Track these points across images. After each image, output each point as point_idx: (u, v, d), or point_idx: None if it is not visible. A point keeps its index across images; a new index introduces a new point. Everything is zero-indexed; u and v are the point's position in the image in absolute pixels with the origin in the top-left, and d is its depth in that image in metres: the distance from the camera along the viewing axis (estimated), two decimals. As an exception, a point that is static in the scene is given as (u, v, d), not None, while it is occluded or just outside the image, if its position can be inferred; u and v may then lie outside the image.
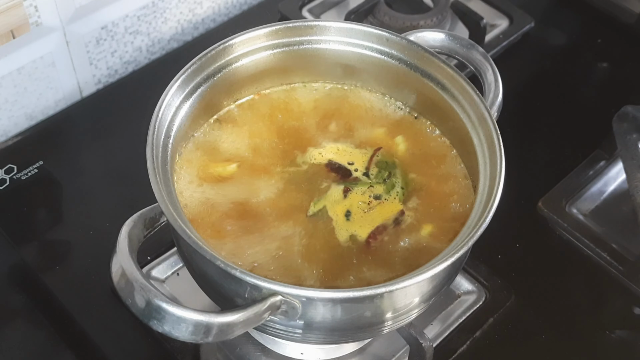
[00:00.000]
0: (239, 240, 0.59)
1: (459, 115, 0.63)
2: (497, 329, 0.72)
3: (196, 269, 0.58)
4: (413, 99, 0.68)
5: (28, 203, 0.80)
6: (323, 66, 0.69)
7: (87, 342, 0.71)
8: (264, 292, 0.50)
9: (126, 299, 0.50)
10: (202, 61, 0.62)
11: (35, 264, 0.76)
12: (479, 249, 0.61)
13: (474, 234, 0.53)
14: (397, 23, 0.95)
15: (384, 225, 0.61)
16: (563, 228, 0.80)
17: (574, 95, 0.96)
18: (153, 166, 0.55)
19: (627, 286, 0.76)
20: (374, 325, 0.57)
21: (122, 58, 0.94)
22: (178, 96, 0.61)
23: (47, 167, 0.82)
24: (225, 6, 1.02)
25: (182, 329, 0.49)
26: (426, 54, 0.65)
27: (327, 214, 0.61)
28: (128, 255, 0.51)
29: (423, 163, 0.66)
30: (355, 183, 0.63)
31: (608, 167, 0.85)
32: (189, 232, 0.52)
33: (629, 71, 1.00)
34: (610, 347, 0.73)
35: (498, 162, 0.58)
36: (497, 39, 0.98)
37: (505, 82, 0.65)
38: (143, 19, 0.93)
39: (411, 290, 0.56)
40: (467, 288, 0.75)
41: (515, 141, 0.88)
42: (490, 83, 0.65)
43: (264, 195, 0.62)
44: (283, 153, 0.65)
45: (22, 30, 0.78)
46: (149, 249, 0.74)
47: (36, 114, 0.89)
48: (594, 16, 1.04)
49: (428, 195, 0.63)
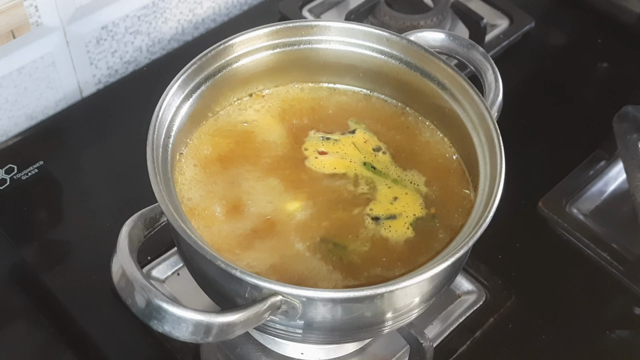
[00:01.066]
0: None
1: (459, 115, 0.63)
2: (497, 329, 0.72)
3: (196, 269, 0.58)
4: (413, 99, 0.68)
5: (28, 203, 0.80)
6: (323, 66, 0.69)
7: (87, 342, 0.71)
8: (264, 292, 0.50)
9: (126, 299, 0.50)
10: (202, 61, 0.62)
11: (36, 264, 0.76)
12: (479, 249, 0.61)
13: (474, 234, 0.53)
14: (398, 23, 0.95)
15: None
16: (563, 228, 0.80)
17: (574, 95, 0.97)
18: (153, 166, 0.55)
19: (627, 286, 0.76)
20: (374, 325, 0.57)
21: (123, 58, 0.94)
22: (178, 96, 0.61)
23: (48, 167, 0.82)
24: (225, 6, 1.02)
25: (183, 329, 0.49)
26: (426, 54, 0.65)
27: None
28: (128, 255, 0.51)
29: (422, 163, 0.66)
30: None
31: (608, 167, 0.85)
32: (189, 232, 0.52)
33: (629, 71, 1.00)
34: (610, 347, 0.73)
35: (498, 162, 0.58)
36: (497, 39, 0.98)
37: (505, 82, 0.65)
38: (143, 19, 0.93)
39: (411, 290, 0.56)
40: (467, 288, 0.75)
41: (516, 141, 0.87)
42: (490, 83, 0.65)
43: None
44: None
45: (22, 30, 0.78)
46: (149, 248, 0.74)
47: (36, 114, 0.89)
48: (594, 16, 1.04)
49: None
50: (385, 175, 0.64)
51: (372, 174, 0.64)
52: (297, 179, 0.64)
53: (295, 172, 0.64)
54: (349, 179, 0.64)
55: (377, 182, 0.64)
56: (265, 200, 0.62)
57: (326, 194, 0.63)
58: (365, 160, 0.65)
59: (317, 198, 0.62)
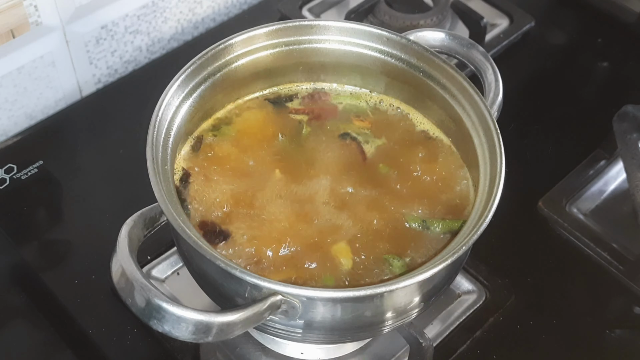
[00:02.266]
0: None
1: (459, 115, 0.63)
2: (497, 329, 0.72)
3: (196, 269, 0.58)
4: (413, 98, 0.68)
5: (28, 203, 0.80)
6: (323, 66, 0.69)
7: (87, 342, 0.71)
8: (264, 291, 0.50)
9: (126, 298, 0.50)
10: (202, 61, 0.62)
11: (36, 264, 0.76)
12: (479, 249, 0.61)
13: (474, 234, 0.53)
14: (397, 22, 0.95)
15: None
16: (563, 228, 0.80)
17: (574, 95, 0.96)
18: (153, 166, 0.55)
19: (627, 286, 0.76)
20: (374, 325, 0.57)
21: (122, 57, 0.94)
22: (178, 96, 0.61)
23: (47, 166, 0.82)
24: (225, 5, 1.02)
25: (182, 328, 0.49)
26: (426, 54, 0.65)
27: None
28: (128, 254, 0.51)
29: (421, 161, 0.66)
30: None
31: (608, 167, 0.85)
32: (189, 232, 0.52)
33: (629, 71, 1.00)
34: (610, 347, 0.73)
35: (498, 161, 0.58)
36: (498, 38, 0.98)
37: (505, 82, 0.64)
38: (143, 18, 0.93)
39: (411, 290, 0.56)
40: (467, 288, 0.75)
41: (516, 141, 0.88)
42: (490, 82, 0.65)
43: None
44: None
45: (22, 29, 0.78)
46: (149, 248, 0.74)
47: (36, 113, 0.89)
48: (594, 16, 1.04)
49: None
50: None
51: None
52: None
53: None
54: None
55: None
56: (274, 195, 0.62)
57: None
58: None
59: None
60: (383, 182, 0.64)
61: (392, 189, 0.63)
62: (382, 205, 0.62)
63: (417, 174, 0.64)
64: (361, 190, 0.63)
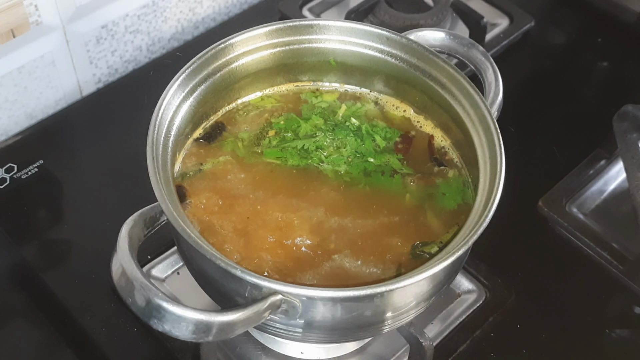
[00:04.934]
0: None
1: (459, 115, 0.63)
2: (498, 328, 0.72)
3: (196, 268, 0.58)
4: (413, 98, 0.68)
5: (28, 202, 0.80)
6: (323, 65, 0.69)
7: (87, 341, 0.71)
8: (264, 291, 0.50)
9: (126, 298, 0.50)
10: (202, 60, 0.62)
11: (36, 264, 0.76)
12: (479, 249, 0.61)
13: (474, 234, 0.53)
14: (398, 22, 0.95)
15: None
16: (563, 227, 0.80)
17: (574, 95, 0.97)
18: (153, 165, 0.55)
19: (627, 285, 0.76)
20: (374, 324, 0.57)
21: (122, 57, 0.94)
22: (178, 95, 0.61)
23: (47, 166, 0.82)
24: (225, 5, 1.02)
25: (183, 328, 0.49)
26: (426, 53, 0.65)
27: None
28: (128, 254, 0.51)
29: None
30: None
31: (608, 167, 0.85)
32: (189, 232, 0.52)
33: (629, 70, 1.00)
34: (610, 347, 0.73)
35: (498, 161, 0.58)
36: (498, 38, 0.98)
37: (505, 81, 0.65)
38: (143, 18, 0.93)
39: (411, 290, 0.56)
40: (468, 287, 0.75)
41: (516, 140, 0.88)
42: (490, 82, 0.65)
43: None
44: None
45: (22, 29, 0.78)
46: (149, 248, 0.74)
47: (36, 113, 0.89)
48: (594, 15, 1.04)
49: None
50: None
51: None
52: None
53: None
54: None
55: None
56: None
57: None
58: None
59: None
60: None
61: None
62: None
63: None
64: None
